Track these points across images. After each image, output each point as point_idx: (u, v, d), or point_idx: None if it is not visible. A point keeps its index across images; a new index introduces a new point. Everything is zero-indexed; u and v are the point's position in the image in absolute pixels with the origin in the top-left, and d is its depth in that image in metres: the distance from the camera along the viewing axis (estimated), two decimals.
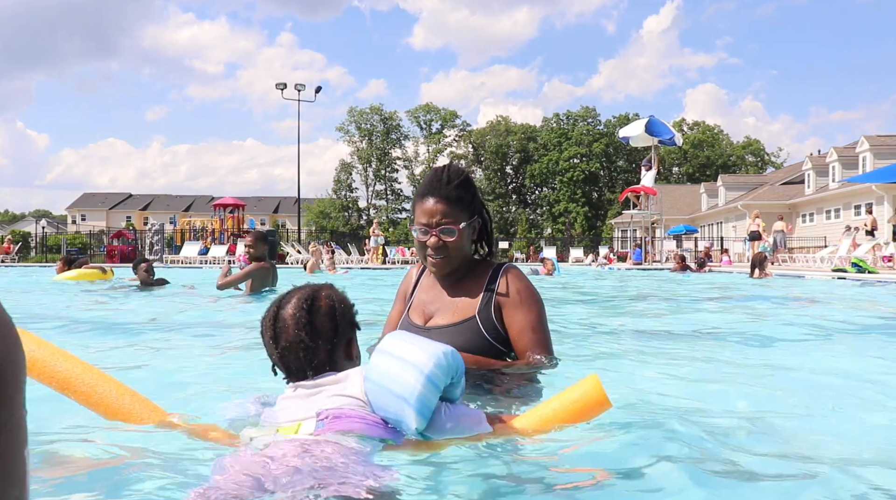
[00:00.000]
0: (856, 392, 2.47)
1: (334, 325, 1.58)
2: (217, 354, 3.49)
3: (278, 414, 1.51)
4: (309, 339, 1.54)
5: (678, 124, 64.62)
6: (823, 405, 2.27)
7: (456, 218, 2.17)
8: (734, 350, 3.67)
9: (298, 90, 34.00)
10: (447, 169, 2.24)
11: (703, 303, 7.57)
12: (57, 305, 6.87)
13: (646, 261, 27.02)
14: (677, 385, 2.61)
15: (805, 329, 4.72)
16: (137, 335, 4.26)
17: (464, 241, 2.20)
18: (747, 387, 2.54)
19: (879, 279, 11.83)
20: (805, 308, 6.85)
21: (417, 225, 2.19)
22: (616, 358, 3.32)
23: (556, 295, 8.29)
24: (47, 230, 48.94)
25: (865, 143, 30.71)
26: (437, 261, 2.18)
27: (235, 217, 30.84)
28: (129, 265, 11.25)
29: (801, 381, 2.73)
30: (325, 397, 1.48)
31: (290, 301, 1.60)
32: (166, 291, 8.70)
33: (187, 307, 6.38)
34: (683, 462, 1.56)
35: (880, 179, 22.55)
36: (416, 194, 2.26)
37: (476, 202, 2.27)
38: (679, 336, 4.35)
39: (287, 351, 1.55)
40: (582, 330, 4.68)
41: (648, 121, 27.68)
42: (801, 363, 3.18)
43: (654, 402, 2.21)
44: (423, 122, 68.74)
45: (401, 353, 1.48)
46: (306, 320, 1.55)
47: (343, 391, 1.49)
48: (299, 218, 36.89)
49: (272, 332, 1.57)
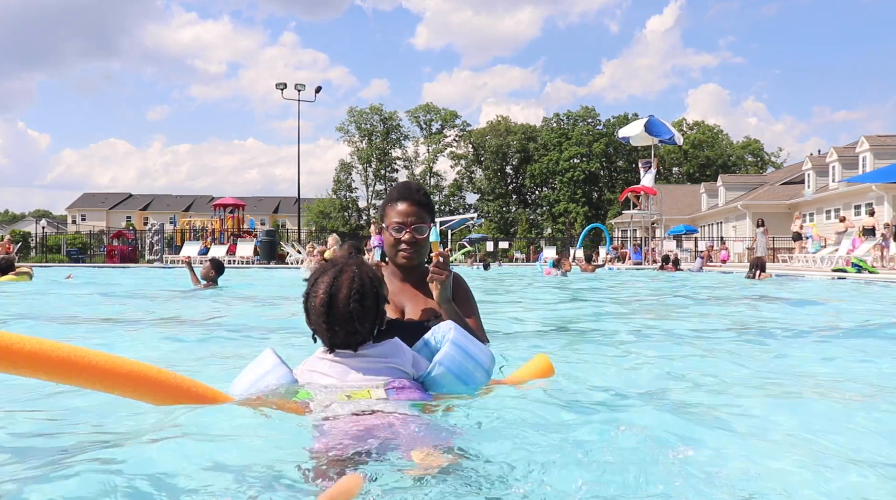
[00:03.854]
0: (855, 392, 2.47)
1: (376, 305, 1.89)
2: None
3: (335, 378, 1.81)
4: (359, 324, 1.85)
5: (678, 124, 64.60)
6: (823, 404, 2.27)
7: (424, 219, 2.59)
8: (733, 350, 3.67)
9: (298, 90, 34.02)
10: (412, 182, 2.74)
11: (702, 302, 7.57)
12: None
13: (646, 261, 27.02)
14: (675, 384, 2.61)
15: (804, 329, 4.72)
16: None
17: (428, 239, 2.62)
18: (747, 386, 2.54)
19: (879, 279, 11.83)
20: (805, 308, 6.84)
21: (392, 224, 2.57)
22: (624, 354, 3.33)
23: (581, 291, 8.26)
24: (47, 230, 48.95)
25: (865, 143, 30.72)
26: (409, 254, 2.56)
27: (235, 217, 30.83)
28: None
29: (802, 381, 2.73)
30: (380, 367, 1.82)
31: (342, 288, 1.85)
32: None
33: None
34: (681, 461, 1.57)
35: (880, 179, 22.58)
36: (386, 200, 2.67)
37: (434, 210, 2.72)
38: (678, 337, 4.35)
39: (338, 328, 1.84)
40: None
41: (648, 121, 27.70)
42: (801, 363, 3.18)
43: (654, 402, 2.22)
44: (423, 122, 68.76)
45: (473, 353, 1.99)
46: (358, 304, 1.84)
47: (396, 365, 1.85)
48: (299, 218, 36.90)
49: (325, 315, 1.84)
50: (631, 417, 2.03)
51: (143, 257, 30.66)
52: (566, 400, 2.10)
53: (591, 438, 1.75)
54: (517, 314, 5.85)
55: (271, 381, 1.85)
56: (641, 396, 2.33)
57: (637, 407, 2.18)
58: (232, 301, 6.70)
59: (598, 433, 1.79)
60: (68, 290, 9.45)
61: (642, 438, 1.76)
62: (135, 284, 11.53)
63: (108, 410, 2.00)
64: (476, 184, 68.22)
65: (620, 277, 15.67)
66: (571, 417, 1.94)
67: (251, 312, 6.19)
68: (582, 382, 2.51)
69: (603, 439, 1.76)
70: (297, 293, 8.74)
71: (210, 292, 8.43)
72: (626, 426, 1.86)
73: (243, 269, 22.05)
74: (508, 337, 4.03)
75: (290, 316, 5.19)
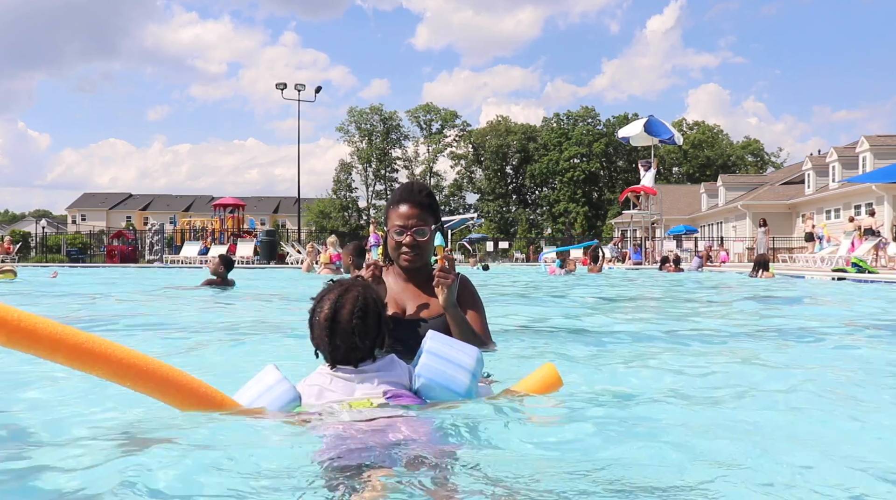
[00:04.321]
0: (854, 391, 2.47)
1: (378, 326, 1.94)
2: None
3: (337, 392, 1.86)
4: (360, 340, 1.89)
5: (678, 124, 64.62)
6: (822, 404, 2.27)
7: (426, 221, 2.57)
8: (732, 350, 3.67)
9: (298, 90, 34.01)
10: (415, 183, 2.70)
11: (700, 303, 7.58)
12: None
13: (646, 261, 27.03)
14: (672, 382, 2.61)
15: (804, 329, 4.72)
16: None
17: (431, 241, 2.60)
18: (745, 386, 2.54)
19: (879, 279, 11.83)
20: (804, 308, 6.85)
21: (394, 227, 2.56)
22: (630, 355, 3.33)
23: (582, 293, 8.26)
24: (47, 230, 48.95)
25: (865, 143, 30.72)
26: (411, 257, 2.55)
27: (235, 217, 30.81)
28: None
29: (801, 380, 2.73)
30: (378, 382, 1.88)
31: (345, 305, 1.91)
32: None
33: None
34: (679, 459, 1.57)
35: (880, 179, 22.58)
36: (389, 203, 2.65)
37: (438, 211, 2.69)
38: (678, 336, 4.35)
39: (340, 343, 1.89)
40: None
41: (647, 121, 27.71)
42: (799, 363, 3.18)
43: (656, 400, 2.22)
44: (422, 122, 68.77)
45: (451, 357, 1.96)
46: (360, 320, 1.89)
47: (394, 378, 1.91)
48: (299, 218, 36.89)
49: (328, 329, 1.89)
50: (640, 417, 2.03)
51: (143, 257, 30.66)
52: (572, 403, 2.10)
53: (596, 442, 1.75)
54: (521, 313, 5.85)
55: (274, 396, 1.87)
56: (650, 398, 2.33)
57: (646, 409, 2.17)
58: (246, 301, 6.70)
59: (603, 435, 1.79)
60: (50, 288, 9.41)
61: (652, 440, 1.76)
62: (130, 283, 11.53)
63: (116, 414, 2.01)
64: (476, 184, 68.25)
65: (624, 276, 15.67)
66: (578, 423, 1.94)
67: (265, 310, 6.18)
68: (588, 383, 2.51)
69: (608, 441, 1.76)
70: (296, 292, 8.74)
71: (226, 293, 8.19)
72: (634, 427, 1.86)
73: (244, 269, 22.03)
74: (513, 336, 4.02)
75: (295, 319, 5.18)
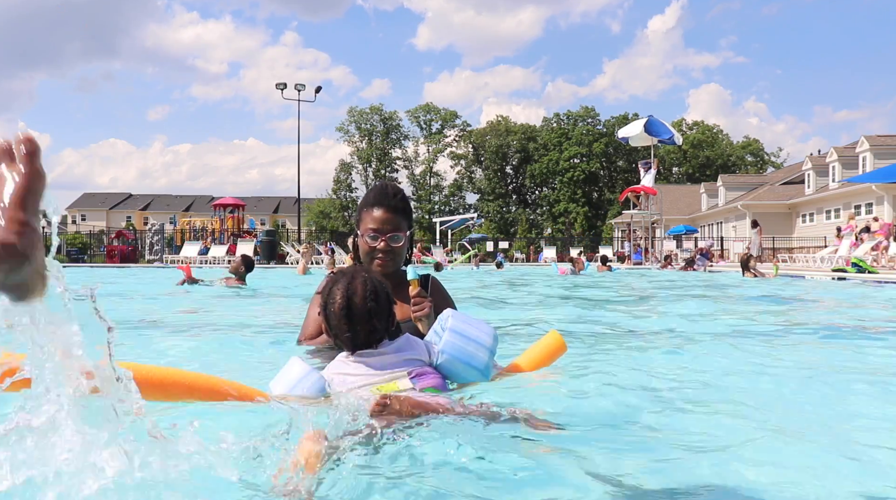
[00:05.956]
0: (853, 391, 2.47)
1: (389, 306, 2.02)
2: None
3: (362, 375, 1.93)
4: (376, 319, 1.97)
5: (678, 124, 64.62)
6: (821, 404, 2.27)
7: (400, 227, 2.56)
8: (732, 350, 3.67)
9: (298, 90, 34.00)
10: (389, 185, 2.68)
11: (698, 302, 7.58)
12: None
13: (646, 261, 27.04)
14: (671, 382, 2.61)
15: (803, 329, 4.72)
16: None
17: (405, 246, 2.60)
18: (744, 386, 2.55)
19: (879, 279, 11.83)
20: (803, 308, 6.85)
21: (367, 231, 2.54)
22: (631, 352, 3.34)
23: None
24: (47, 230, 48.82)
25: (865, 143, 30.73)
26: (384, 262, 2.55)
27: (235, 217, 30.83)
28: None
29: (800, 380, 2.73)
30: (400, 360, 1.97)
31: (357, 290, 1.97)
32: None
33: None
34: (677, 458, 1.57)
35: (880, 179, 22.60)
36: (362, 204, 2.62)
37: (412, 215, 2.69)
38: (676, 336, 4.35)
39: (359, 327, 1.96)
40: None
41: (647, 121, 27.71)
42: (800, 363, 3.18)
43: (656, 400, 2.22)
44: (423, 122, 68.76)
45: (472, 335, 2.07)
46: (374, 302, 1.96)
47: (414, 356, 2.00)
48: (299, 218, 36.87)
49: (346, 317, 1.95)
50: (650, 418, 2.03)
51: (143, 257, 30.67)
52: (591, 398, 2.11)
53: (607, 437, 1.75)
54: (537, 314, 5.89)
55: (305, 387, 1.90)
56: (661, 396, 2.33)
57: (655, 408, 2.17)
58: (271, 299, 6.70)
59: (606, 435, 1.80)
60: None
61: (652, 441, 1.76)
62: (131, 284, 11.52)
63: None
64: (476, 184, 68.24)
65: (628, 275, 15.72)
66: (598, 417, 1.95)
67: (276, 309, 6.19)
68: (602, 377, 2.51)
69: (622, 439, 1.76)
70: (296, 288, 8.71)
71: (246, 292, 8.15)
72: (645, 426, 1.87)
73: None
74: (529, 334, 4.03)
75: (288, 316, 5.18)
